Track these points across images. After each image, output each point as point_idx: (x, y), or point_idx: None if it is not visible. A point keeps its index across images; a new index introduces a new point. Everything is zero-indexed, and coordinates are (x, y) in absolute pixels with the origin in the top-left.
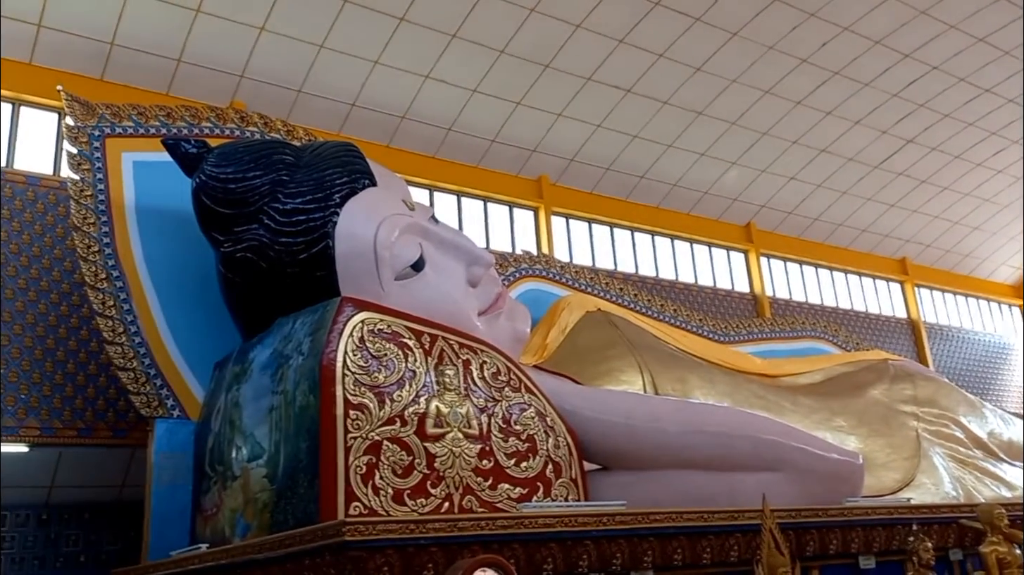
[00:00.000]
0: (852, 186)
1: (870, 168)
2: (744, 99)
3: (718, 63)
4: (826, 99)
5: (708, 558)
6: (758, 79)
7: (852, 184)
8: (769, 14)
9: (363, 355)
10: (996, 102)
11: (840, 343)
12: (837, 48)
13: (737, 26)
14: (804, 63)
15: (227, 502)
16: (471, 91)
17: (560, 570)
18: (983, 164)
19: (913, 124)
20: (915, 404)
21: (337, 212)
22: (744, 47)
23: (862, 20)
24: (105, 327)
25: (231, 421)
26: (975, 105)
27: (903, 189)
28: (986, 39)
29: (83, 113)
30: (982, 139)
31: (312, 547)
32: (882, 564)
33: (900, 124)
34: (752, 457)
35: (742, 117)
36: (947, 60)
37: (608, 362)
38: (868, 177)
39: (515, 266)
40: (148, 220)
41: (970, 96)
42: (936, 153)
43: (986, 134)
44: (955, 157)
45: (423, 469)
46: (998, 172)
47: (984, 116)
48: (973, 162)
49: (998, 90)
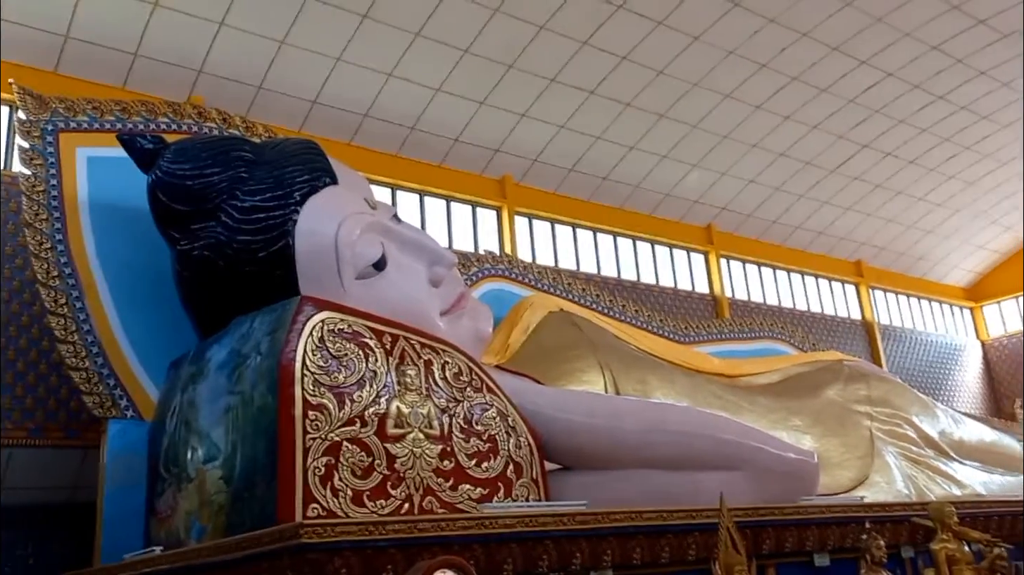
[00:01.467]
0: (809, 190)
1: (827, 172)
2: (705, 103)
3: (680, 67)
4: (785, 104)
5: (667, 557)
6: (719, 83)
7: (809, 188)
8: (730, 19)
9: (323, 355)
10: (949, 108)
11: (797, 344)
12: (796, 54)
13: (699, 30)
14: (764, 68)
15: (182, 504)
16: (435, 90)
17: (520, 570)
18: (936, 169)
19: (868, 129)
20: (869, 404)
21: (297, 210)
22: (705, 51)
23: (820, 26)
24: (57, 325)
25: (187, 422)
26: (929, 111)
27: (859, 193)
28: (940, 47)
29: (36, 107)
30: (935, 144)
31: (269, 549)
32: (836, 561)
33: (856, 129)
34: (712, 456)
35: (703, 120)
36: (902, 67)
37: (570, 362)
38: (825, 181)
39: (478, 266)
40: (102, 217)
41: (924, 102)
42: (891, 158)
43: (939, 140)
44: (909, 162)
45: (383, 470)
46: (950, 177)
47: (938, 122)
48: (927, 167)
49: (951, 97)
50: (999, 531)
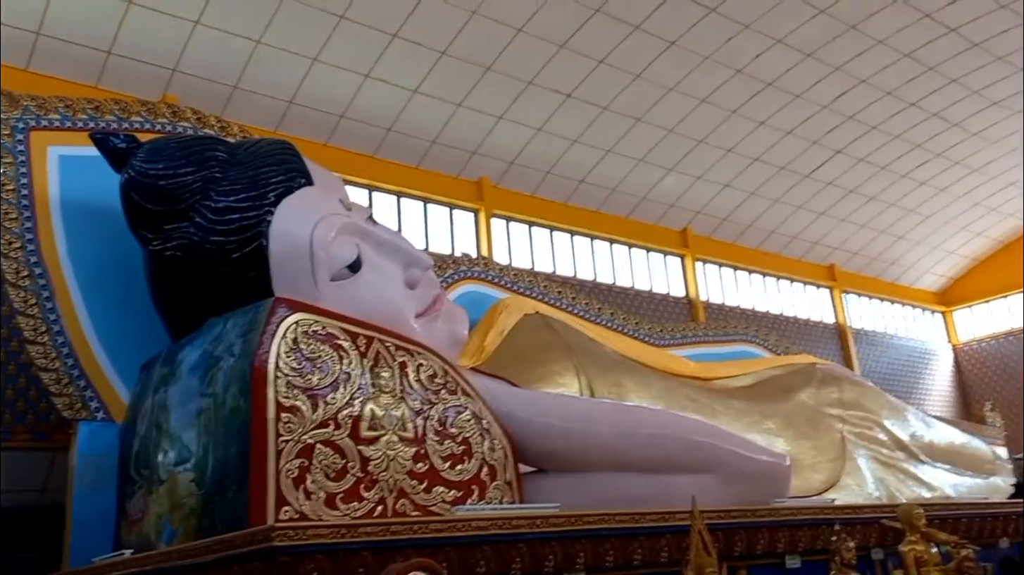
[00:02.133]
0: (784, 194)
1: (801, 177)
2: (681, 107)
3: (656, 71)
4: (760, 109)
5: (639, 559)
6: (695, 88)
7: (784, 192)
8: (706, 25)
9: (296, 357)
10: (921, 115)
11: (770, 347)
12: (771, 60)
13: (675, 35)
14: (739, 73)
15: (153, 507)
16: (412, 91)
17: (494, 572)
18: (908, 175)
19: (842, 135)
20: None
21: (272, 211)
22: (682, 56)
23: (794, 33)
24: (27, 326)
25: (158, 424)
26: (900, 117)
27: (832, 198)
28: (912, 54)
29: (6, 104)
30: (907, 151)
31: (240, 552)
32: (807, 563)
33: (830, 135)
34: (685, 459)
35: (679, 124)
36: (875, 74)
37: (545, 365)
38: (799, 186)
39: (454, 268)
40: (73, 216)
41: (896, 109)
42: (863, 163)
43: (911, 146)
44: (881, 168)
45: (357, 472)
46: (922, 184)
47: (909, 128)
48: (898, 173)
49: (923, 104)
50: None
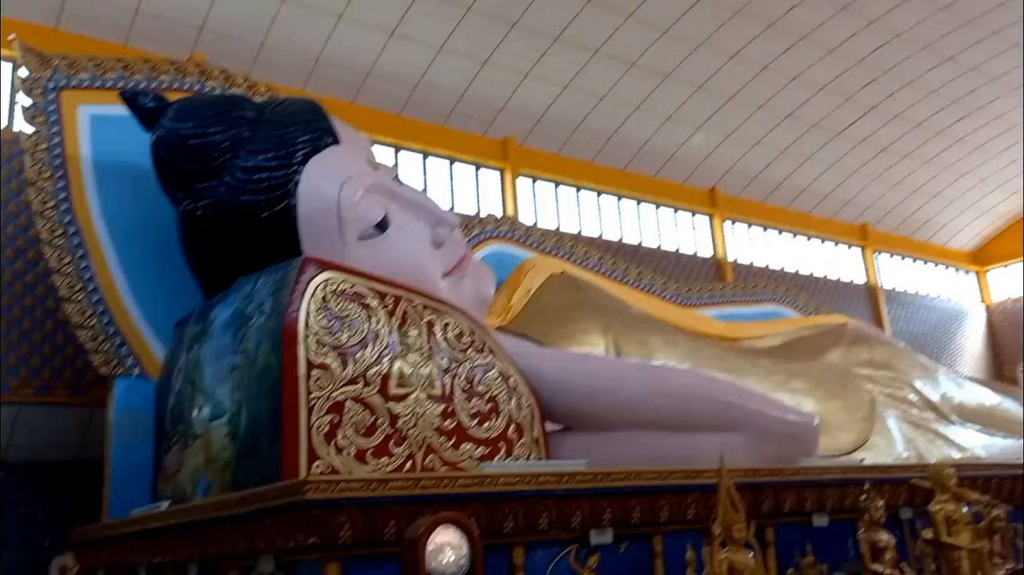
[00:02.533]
0: (815, 152)
1: (833, 134)
2: (711, 62)
3: (686, 25)
4: (792, 64)
5: (666, 516)
6: (726, 43)
7: (815, 150)
8: None
9: (326, 315)
10: (958, 70)
11: (800, 307)
12: (804, 13)
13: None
14: (772, 27)
15: (188, 461)
16: (437, 48)
17: (520, 528)
18: (943, 132)
19: (876, 91)
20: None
21: (299, 170)
22: (713, 10)
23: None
24: (62, 284)
25: (192, 380)
26: (938, 72)
27: (865, 155)
28: (949, 7)
29: (38, 64)
30: (944, 107)
31: (274, 505)
32: (835, 522)
33: (864, 91)
34: (712, 418)
35: (709, 80)
36: (911, 27)
37: (571, 324)
38: (831, 143)
39: (480, 228)
40: (106, 175)
41: (933, 63)
42: (898, 120)
43: (948, 102)
44: (916, 124)
45: (386, 429)
46: (958, 140)
47: (947, 83)
48: (934, 130)
49: (961, 58)
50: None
